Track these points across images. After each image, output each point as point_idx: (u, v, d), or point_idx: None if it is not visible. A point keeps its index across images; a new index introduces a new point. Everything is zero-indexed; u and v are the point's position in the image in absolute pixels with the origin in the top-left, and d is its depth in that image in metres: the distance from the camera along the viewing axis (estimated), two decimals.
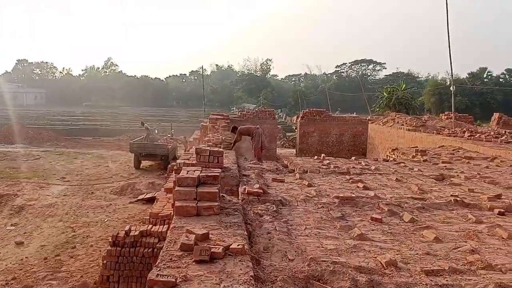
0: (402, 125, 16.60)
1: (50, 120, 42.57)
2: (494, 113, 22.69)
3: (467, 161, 9.58)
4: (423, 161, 9.52)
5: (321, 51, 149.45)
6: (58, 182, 16.13)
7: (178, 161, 7.77)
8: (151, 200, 12.97)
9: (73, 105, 71.35)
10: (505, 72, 74.50)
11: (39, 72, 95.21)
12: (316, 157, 9.68)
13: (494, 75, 74.00)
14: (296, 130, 44.72)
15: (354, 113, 60.48)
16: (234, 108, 66.53)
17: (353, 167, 8.29)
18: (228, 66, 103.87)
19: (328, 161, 8.95)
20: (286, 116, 59.87)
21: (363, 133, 21.33)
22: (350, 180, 6.93)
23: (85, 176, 17.53)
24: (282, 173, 7.57)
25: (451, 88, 15.21)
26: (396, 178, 7.18)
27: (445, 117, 21.06)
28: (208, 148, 6.45)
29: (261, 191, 5.25)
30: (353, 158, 9.81)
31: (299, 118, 22.42)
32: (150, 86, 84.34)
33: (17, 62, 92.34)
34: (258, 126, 9.90)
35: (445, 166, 8.75)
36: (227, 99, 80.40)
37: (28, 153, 23.44)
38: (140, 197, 13.68)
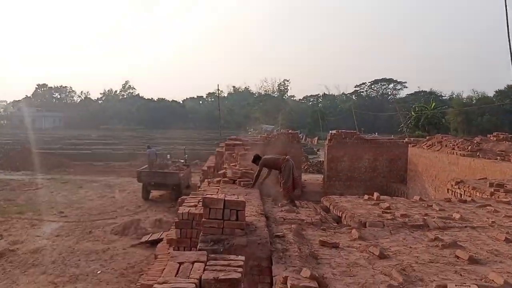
0: (453, 149, 14.06)
1: (63, 145, 41.31)
2: None
3: None
4: None
5: (340, 70, 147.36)
6: (53, 218, 14.12)
7: (180, 209, 5.56)
8: (157, 242, 10.80)
9: (90, 128, 70.92)
10: None
11: (58, 96, 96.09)
12: (366, 196, 7.29)
13: None
14: (318, 153, 42.36)
15: (376, 133, 57.70)
16: (252, 129, 64.66)
17: (427, 215, 5.88)
18: (245, 87, 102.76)
19: (386, 204, 6.55)
20: (306, 137, 57.52)
21: (400, 158, 18.77)
22: (439, 243, 4.54)
23: (86, 210, 15.49)
24: (331, 228, 5.22)
25: None
26: (506, 238, 4.75)
27: (494, 138, 18.35)
28: (222, 197, 4.20)
29: (315, 286, 2.94)
30: (416, 197, 7.39)
31: (327, 141, 20.05)
32: (167, 108, 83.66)
33: (37, 87, 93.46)
34: (288, 156, 7.59)
35: None
36: (244, 120, 78.67)
37: (32, 182, 21.71)
38: (144, 239, 11.49)
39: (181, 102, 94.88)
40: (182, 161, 21.31)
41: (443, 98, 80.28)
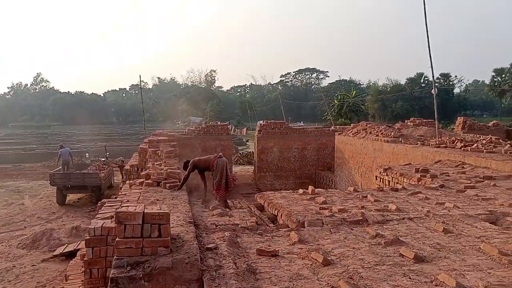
0: (377, 135, 14.50)
1: None
2: (459, 117, 21.53)
3: (492, 182, 7.39)
4: (439, 187, 7.18)
5: (265, 60, 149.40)
6: None
7: (92, 223, 4.68)
8: (74, 254, 9.59)
9: None
10: (440, 76, 77.95)
11: None
12: (301, 190, 6.97)
13: (430, 79, 76.69)
14: (247, 144, 42.26)
15: (301, 122, 59.33)
16: (179, 122, 62.80)
17: (364, 208, 5.67)
18: (171, 78, 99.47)
19: (322, 198, 6.27)
20: (234, 128, 57.26)
21: (327, 146, 19.14)
22: (381, 240, 4.28)
23: None
24: (268, 231, 4.74)
25: (433, 91, 13.38)
26: (444, 228, 4.65)
27: (411, 123, 19.46)
28: (141, 210, 3.47)
29: None
30: (350, 188, 7.23)
31: (256, 132, 19.78)
32: (86, 102, 78.01)
33: None
34: (220, 154, 7.01)
35: (477, 195, 6.44)
36: (171, 113, 76.16)
37: None
38: (58, 251, 10.16)
39: (102, 95, 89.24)
40: (103, 159, 19.66)
41: (361, 86, 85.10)
